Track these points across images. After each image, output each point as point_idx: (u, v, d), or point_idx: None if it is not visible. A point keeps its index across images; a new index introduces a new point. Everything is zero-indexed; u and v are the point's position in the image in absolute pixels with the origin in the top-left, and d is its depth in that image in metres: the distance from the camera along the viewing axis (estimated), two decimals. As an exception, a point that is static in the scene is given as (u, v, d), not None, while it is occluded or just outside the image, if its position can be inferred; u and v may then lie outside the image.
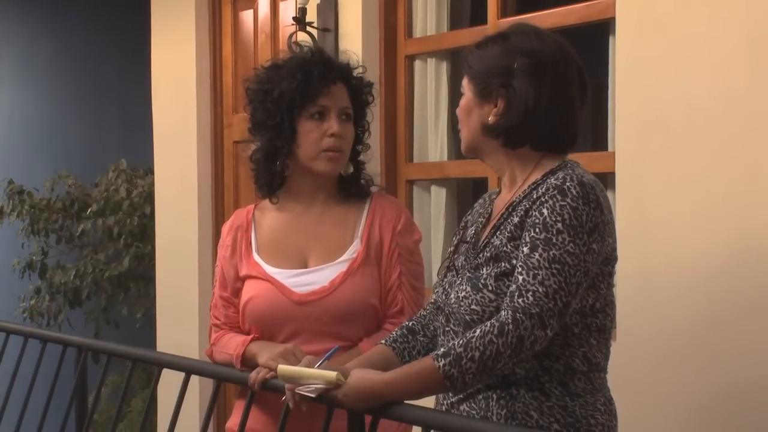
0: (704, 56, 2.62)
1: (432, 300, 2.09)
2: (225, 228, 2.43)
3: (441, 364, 1.79)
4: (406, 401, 1.89)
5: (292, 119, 2.28)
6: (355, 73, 2.36)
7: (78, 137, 6.95)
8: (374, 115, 2.46)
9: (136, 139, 5.90)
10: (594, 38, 3.24)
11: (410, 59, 3.82)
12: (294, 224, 2.35)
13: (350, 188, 2.37)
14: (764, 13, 2.50)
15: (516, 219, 1.88)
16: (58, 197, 6.10)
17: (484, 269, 1.89)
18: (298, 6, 3.83)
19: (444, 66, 3.73)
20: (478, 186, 3.64)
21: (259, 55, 4.34)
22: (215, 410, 3.73)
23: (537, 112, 1.90)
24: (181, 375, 2.46)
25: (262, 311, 2.28)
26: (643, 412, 2.70)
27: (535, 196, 1.86)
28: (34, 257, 6.08)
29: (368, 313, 2.28)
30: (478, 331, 1.79)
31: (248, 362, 2.23)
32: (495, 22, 3.36)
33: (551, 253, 1.79)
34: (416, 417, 1.89)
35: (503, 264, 1.86)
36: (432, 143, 3.78)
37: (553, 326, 1.79)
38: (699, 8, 2.64)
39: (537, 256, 1.79)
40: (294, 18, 3.86)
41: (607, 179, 2.93)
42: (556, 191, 1.83)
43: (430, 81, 3.77)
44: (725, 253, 2.57)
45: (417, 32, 3.80)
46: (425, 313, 2.12)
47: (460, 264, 1.99)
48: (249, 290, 2.31)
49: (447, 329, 1.96)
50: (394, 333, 2.10)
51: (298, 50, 2.42)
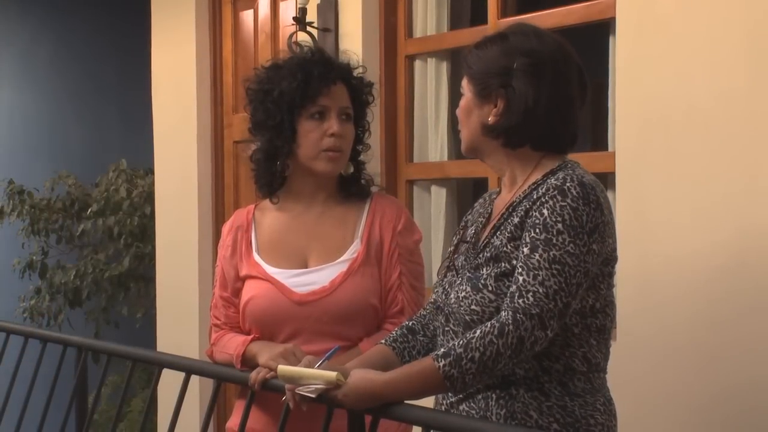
0: (704, 56, 2.62)
1: (432, 300, 2.08)
2: (225, 228, 2.43)
3: (441, 365, 1.79)
4: (406, 401, 1.89)
5: (293, 119, 2.27)
6: (356, 73, 2.36)
7: (78, 137, 6.95)
8: (374, 115, 2.46)
9: (137, 139, 5.90)
10: (594, 38, 3.24)
11: (410, 59, 3.82)
12: (294, 224, 2.35)
13: (350, 188, 2.37)
14: (764, 13, 2.50)
15: (516, 219, 1.88)
16: (59, 197, 6.10)
17: (484, 269, 1.89)
18: (299, 6, 3.83)
19: (444, 66, 3.73)
20: (478, 186, 3.64)
21: (260, 55, 4.33)
22: (215, 410, 3.73)
23: (537, 112, 1.90)
24: (182, 375, 2.46)
25: (263, 311, 2.28)
26: (643, 413, 2.70)
27: (536, 197, 1.86)
28: (35, 257, 6.08)
29: (368, 313, 2.28)
30: (479, 332, 1.79)
31: (248, 362, 2.23)
32: (495, 22, 3.36)
33: (551, 254, 1.79)
34: (416, 417, 1.90)
35: (503, 264, 1.86)
36: (432, 143, 3.78)
37: (554, 327, 1.79)
38: (699, 8, 2.64)
39: (537, 257, 1.79)
40: (294, 18, 3.86)
41: (607, 179, 2.93)
42: (557, 192, 1.83)
43: (431, 81, 3.76)
44: (725, 253, 2.57)
45: (417, 32, 3.80)
46: (425, 313, 2.12)
47: (460, 264, 1.99)
48: (249, 290, 2.31)
49: (447, 329, 1.96)
50: (394, 333, 2.10)
51: (299, 50, 2.42)
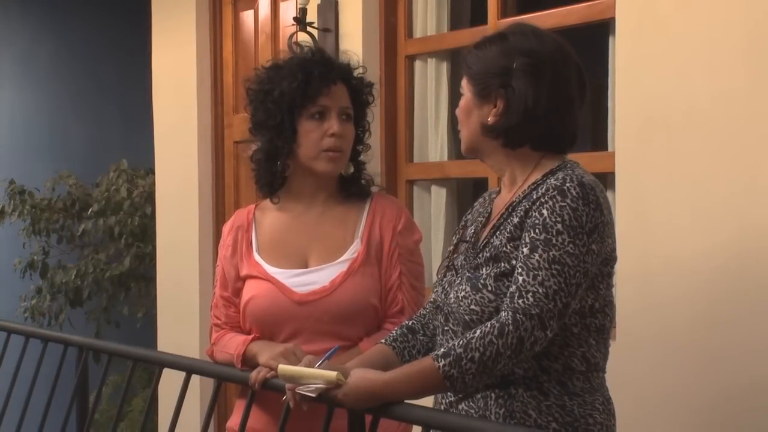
0: (704, 56, 2.62)
1: (431, 299, 2.09)
2: (226, 228, 2.43)
3: (441, 365, 1.79)
4: (406, 401, 1.89)
5: (293, 119, 2.28)
6: (356, 74, 2.36)
7: (79, 137, 6.95)
8: (374, 115, 2.46)
9: (137, 139, 5.90)
10: (594, 38, 3.24)
11: (410, 59, 3.82)
12: (295, 224, 2.35)
13: (351, 188, 2.37)
14: (764, 14, 2.50)
15: (516, 219, 1.88)
16: (59, 197, 6.11)
17: (484, 269, 1.89)
18: (299, 6, 3.83)
19: (444, 66, 3.73)
20: (478, 186, 3.64)
21: (260, 56, 4.34)
22: (216, 410, 3.73)
23: (536, 112, 1.90)
24: (182, 374, 2.47)
25: (263, 311, 2.28)
26: (643, 413, 2.70)
27: (535, 197, 1.86)
28: (36, 257, 6.09)
29: (368, 313, 2.28)
30: (478, 332, 1.79)
31: (249, 362, 2.23)
32: (495, 23, 3.36)
33: (551, 254, 1.79)
34: (416, 416, 1.90)
35: (503, 264, 1.86)
36: (432, 143, 3.79)
37: (553, 327, 1.79)
38: (699, 8, 2.64)
39: (537, 257, 1.79)
40: (294, 18, 3.86)
41: (607, 179, 2.93)
42: (556, 192, 1.83)
43: (431, 81, 3.77)
44: (725, 254, 2.57)
45: (417, 32, 3.80)
46: (425, 312, 2.12)
47: (460, 263, 1.99)
48: (250, 290, 2.31)
49: (446, 329, 1.96)
50: (394, 332, 2.10)
51: (299, 50, 2.41)
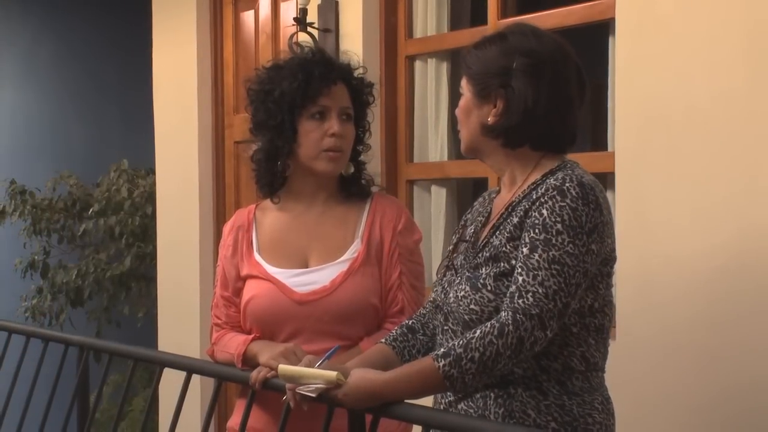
0: (704, 56, 2.63)
1: (431, 298, 2.09)
2: (226, 228, 2.43)
3: (441, 365, 1.79)
4: (406, 401, 1.89)
5: (293, 119, 2.28)
6: (356, 74, 2.36)
7: (79, 137, 6.96)
8: (375, 116, 2.47)
9: (138, 139, 5.90)
10: (594, 39, 3.25)
11: (411, 59, 3.82)
12: (295, 224, 2.35)
13: (351, 188, 2.37)
14: (764, 14, 2.50)
15: (515, 219, 1.88)
16: (60, 197, 6.11)
17: (483, 269, 1.89)
18: (299, 7, 3.84)
19: (444, 66, 3.73)
20: (478, 186, 3.64)
21: (260, 56, 4.34)
22: (216, 409, 3.73)
23: (536, 112, 1.90)
24: (183, 374, 2.47)
25: (263, 311, 2.28)
26: (642, 413, 2.70)
27: (535, 197, 1.86)
28: (36, 257, 6.09)
29: (369, 313, 2.28)
30: (478, 332, 1.79)
31: (249, 361, 2.23)
32: (495, 23, 3.36)
33: (551, 254, 1.79)
34: (416, 416, 1.90)
35: (502, 264, 1.87)
36: (432, 143, 3.79)
37: (553, 327, 1.79)
38: (698, 8, 2.64)
39: (537, 257, 1.80)
40: (295, 18, 3.86)
41: (607, 179, 2.94)
42: (556, 192, 1.83)
43: (431, 81, 3.77)
44: (725, 254, 2.57)
45: (417, 33, 3.81)
46: (425, 312, 2.12)
47: (459, 263, 1.99)
48: (250, 290, 2.31)
49: (445, 328, 1.97)
50: (394, 332, 2.10)
51: (299, 51, 2.41)
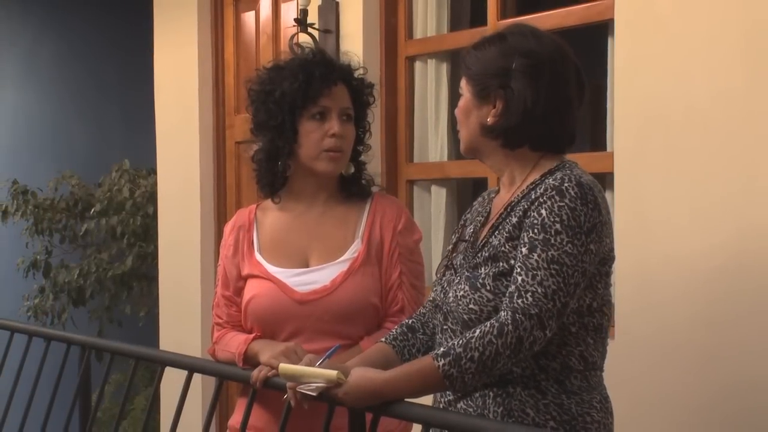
0: (702, 56, 2.63)
1: (431, 298, 2.10)
2: (227, 227, 2.44)
3: (440, 364, 1.80)
4: (406, 399, 1.90)
5: (294, 120, 2.28)
6: (356, 74, 2.36)
7: (81, 137, 6.96)
8: (375, 116, 2.47)
9: (139, 140, 5.91)
10: (593, 39, 3.25)
11: (411, 60, 3.83)
12: (296, 224, 2.36)
13: (351, 188, 2.38)
14: (762, 14, 2.51)
15: (514, 219, 1.88)
16: (62, 197, 6.12)
17: (483, 269, 1.90)
18: (300, 8, 3.85)
19: (444, 67, 3.74)
20: (478, 186, 3.65)
21: (261, 57, 4.35)
22: (217, 408, 3.75)
23: (535, 113, 1.91)
24: (184, 373, 2.48)
25: (264, 310, 2.29)
26: (641, 412, 2.71)
27: (534, 197, 1.86)
28: (38, 256, 6.10)
29: (369, 312, 2.29)
30: (478, 332, 1.80)
31: (250, 360, 2.24)
32: (495, 24, 3.37)
33: (550, 254, 1.80)
34: (416, 415, 1.91)
35: (501, 264, 1.87)
36: (432, 143, 3.80)
37: (552, 327, 1.79)
38: (697, 9, 2.65)
39: (536, 257, 1.80)
40: (295, 19, 3.87)
41: (606, 179, 2.94)
42: (555, 192, 1.83)
43: (431, 82, 3.78)
44: (724, 253, 2.58)
45: (417, 33, 3.81)
46: (424, 311, 2.12)
47: (459, 263, 2.00)
48: (251, 289, 2.32)
49: (445, 327, 1.97)
50: (394, 331, 2.11)
51: (300, 51, 2.42)
